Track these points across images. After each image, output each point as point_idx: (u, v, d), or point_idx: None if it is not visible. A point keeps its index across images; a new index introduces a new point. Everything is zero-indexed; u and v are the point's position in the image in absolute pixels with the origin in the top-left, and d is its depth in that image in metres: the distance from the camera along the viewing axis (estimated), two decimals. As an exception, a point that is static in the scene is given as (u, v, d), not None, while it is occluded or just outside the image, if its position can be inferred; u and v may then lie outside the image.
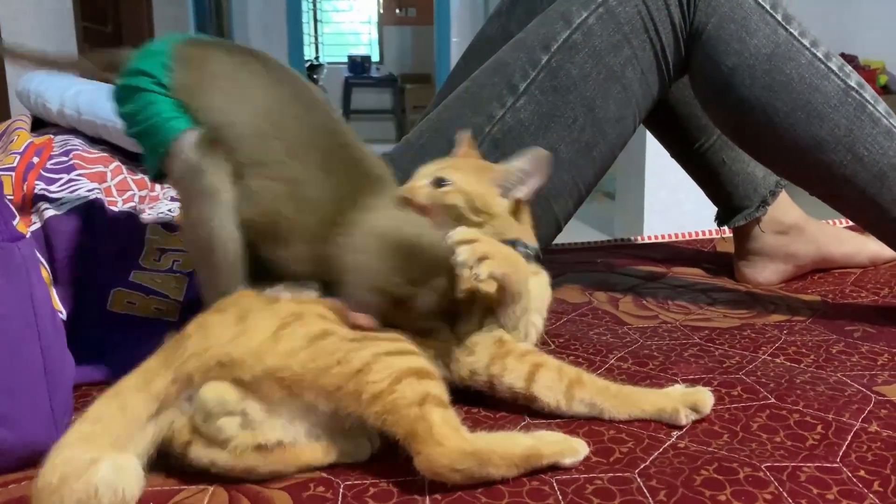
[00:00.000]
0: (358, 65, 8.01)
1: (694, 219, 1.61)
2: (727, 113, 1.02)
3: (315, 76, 6.71)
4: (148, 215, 0.98)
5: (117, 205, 0.97)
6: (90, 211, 0.93)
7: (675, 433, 0.71)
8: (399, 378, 0.62)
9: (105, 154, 1.04)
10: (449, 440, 0.60)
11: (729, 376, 0.84)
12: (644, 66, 1.01)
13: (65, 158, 0.99)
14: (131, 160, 1.06)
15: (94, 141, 1.06)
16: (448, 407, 0.64)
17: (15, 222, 0.84)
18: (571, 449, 0.65)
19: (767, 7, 0.98)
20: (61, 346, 0.69)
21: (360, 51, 8.40)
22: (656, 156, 2.68)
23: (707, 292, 1.21)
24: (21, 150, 0.98)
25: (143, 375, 0.63)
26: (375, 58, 8.43)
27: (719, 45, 0.98)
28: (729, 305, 1.13)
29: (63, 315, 0.87)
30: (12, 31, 2.37)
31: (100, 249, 0.91)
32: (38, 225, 0.90)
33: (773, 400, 0.77)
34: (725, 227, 1.30)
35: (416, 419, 0.61)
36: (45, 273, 0.86)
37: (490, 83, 1.01)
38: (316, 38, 8.48)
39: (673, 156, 1.32)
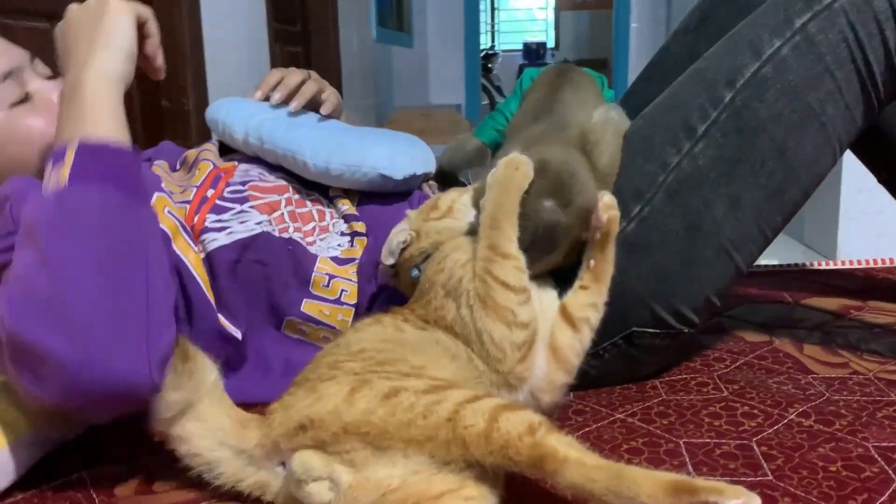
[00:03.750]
0: (533, 52, 7.98)
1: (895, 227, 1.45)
2: None
3: (490, 65, 6.75)
4: (318, 247, 1.02)
5: (288, 231, 1.01)
6: (258, 243, 0.97)
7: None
8: (494, 416, 0.62)
9: (282, 183, 1.08)
10: (578, 457, 0.60)
11: (930, 447, 0.76)
12: (849, 101, 0.89)
13: (241, 188, 1.04)
14: (308, 188, 1.10)
15: (274, 168, 1.11)
16: (558, 430, 0.63)
17: (197, 249, 0.94)
18: (735, 491, 0.59)
19: None
20: (168, 296, 0.75)
21: (536, 37, 8.35)
22: (856, 158, 2.46)
23: (908, 335, 1.09)
24: (199, 183, 1.03)
25: (243, 419, 0.71)
26: (551, 44, 8.35)
27: None
28: (934, 354, 1.02)
29: (238, 335, 0.94)
30: (213, 36, 2.58)
31: (272, 279, 0.97)
32: (202, 255, 0.96)
33: (983, 483, 0.69)
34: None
35: (534, 446, 0.61)
36: (211, 295, 0.94)
37: (664, 125, 0.92)
38: (492, 27, 8.52)
39: (880, 181, 1.19)
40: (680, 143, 0.90)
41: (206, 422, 0.70)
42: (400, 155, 1.08)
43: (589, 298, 0.85)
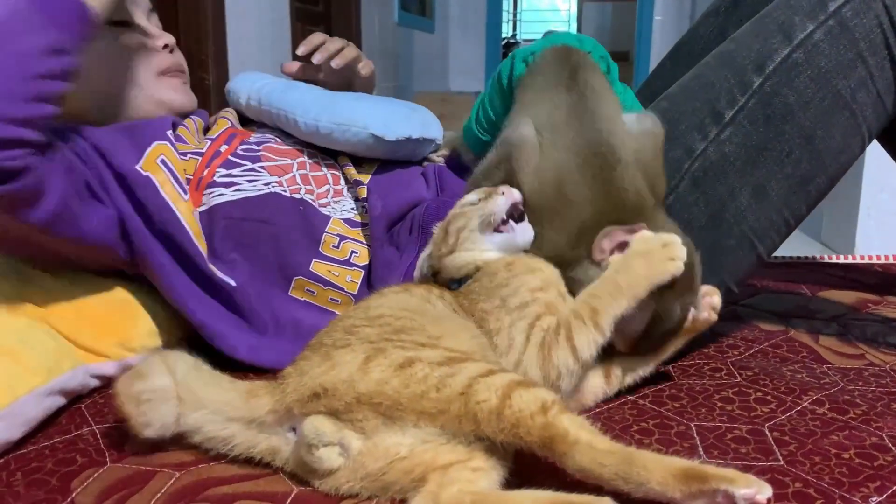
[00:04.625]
0: (554, 42, 7.92)
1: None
2: None
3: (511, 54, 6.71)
4: (331, 209, 1.02)
5: (300, 192, 1.01)
6: (266, 203, 0.98)
7: (874, 498, 0.65)
8: (507, 393, 0.62)
9: (296, 148, 1.08)
10: (588, 440, 0.60)
11: (945, 440, 0.75)
12: (881, 88, 0.87)
13: (256, 147, 1.05)
14: (324, 155, 1.10)
15: (290, 135, 1.11)
16: (570, 410, 0.63)
17: (186, 198, 0.95)
18: (746, 480, 0.59)
19: None
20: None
21: (558, 28, 8.30)
22: (878, 154, 2.42)
23: (926, 331, 1.08)
24: (214, 137, 1.05)
25: (251, 388, 0.70)
26: (573, 34, 8.29)
27: None
28: (952, 350, 1.00)
29: (232, 283, 0.96)
30: (235, 13, 2.58)
31: (280, 238, 0.97)
32: (205, 207, 0.97)
33: None
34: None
35: (545, 427, 0.60)
36: (203, 244, 0.95)
37: (691, 109, 0.90)
38: (514, 15, 8.48)
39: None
40: (706, 130, 0.89)
41: (207, 406, 0.70)
42: (394, 116, 1.06)
43: (638, 365, 0.84)
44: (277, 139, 1.09)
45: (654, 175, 0.84)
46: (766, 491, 0.59)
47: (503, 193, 0.81)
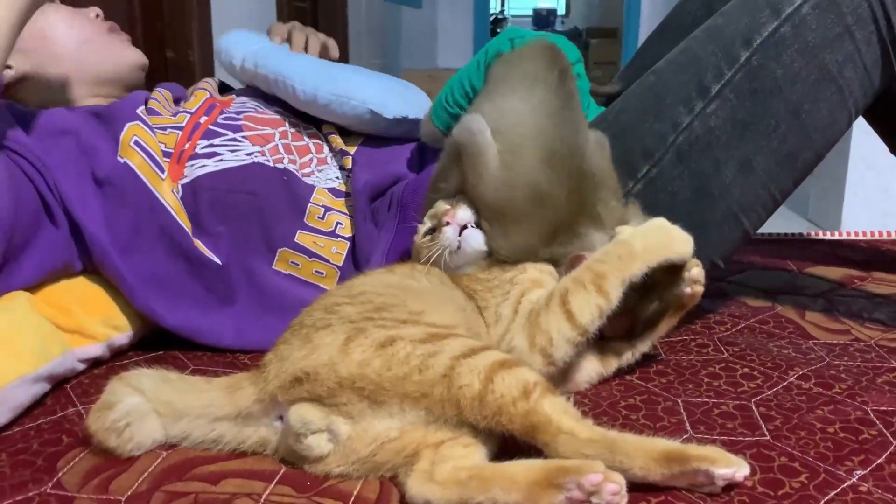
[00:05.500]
0: (542, 18, 7.89)
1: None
2: None
3: (499, 30, 6.66)
4: (315, 178, 1.01)
5: (283, 162, 1.00)
6: (249, 174, 0.97)
7: (858, 471, 0.66)
8: (490, 376, 0.62)
9: (277, 117, 1.07)
10: (570, 428, 0.60)
11: (929, 413, 0.75)
12: (867, 63, 0.87)
13: (236, 116, 1.03)
14: (305, 123, 1.09)
15: (271, 102, 1.10)
16: (554, 391, 0.63)
17: (163, 176, 0.93)
18: (726, 459, 0.61)
19: None
20: None
21: (547, 3, 8.24)
22: (865, 133, 2.42)
23: (911, 306, 1.09)
24: (193, 110, 1.03)
25: (232, 381, 0.70)
26: (562, 11, 8.24)
27: None
28: (936, 325, 1.01)
29: (217, 261, 0.94)
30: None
31: (264, 209, 0.96)
32: (187, 179, 0.96)
33: (981, 449, 0.68)
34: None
35: (527, 414, 0.61)
36: (186, 222, 0.94)
37: (677, 83, 0.90)
38: (503, -9, 8.41)
39: (892, 151, 1.17)
40: (692, 103, 0.88)
41: (189, 413, 0.69)
42: (393, 94, 1.05)
43: (637, 343, 0.84)
44: (258, 107, 1.07)
45: (610, 181, 0.85)
46: (745, 469, 0.61)
47: (448, 223, 0.82)
